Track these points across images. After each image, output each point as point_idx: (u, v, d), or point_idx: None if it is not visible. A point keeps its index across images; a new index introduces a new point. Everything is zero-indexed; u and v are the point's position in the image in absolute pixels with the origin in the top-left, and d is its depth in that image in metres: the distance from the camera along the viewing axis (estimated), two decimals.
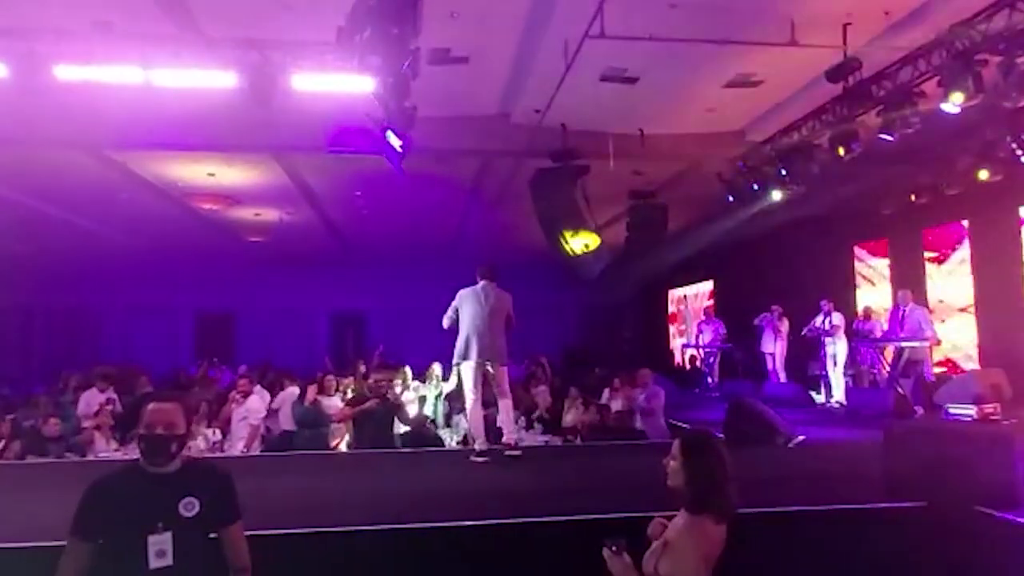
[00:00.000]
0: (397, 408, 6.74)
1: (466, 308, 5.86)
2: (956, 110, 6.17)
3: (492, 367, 5.81)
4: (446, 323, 5.98)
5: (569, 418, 7.63)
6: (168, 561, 2.51)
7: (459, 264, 18.71)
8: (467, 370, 5.80)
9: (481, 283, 6.00)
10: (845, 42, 6.84)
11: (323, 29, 5.67)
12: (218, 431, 7.45)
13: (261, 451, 7.14)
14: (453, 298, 6.03)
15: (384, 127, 6.98)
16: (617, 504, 3.69)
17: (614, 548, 2.46)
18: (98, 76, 5.53)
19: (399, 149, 7.20)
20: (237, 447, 7.18)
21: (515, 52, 7.41)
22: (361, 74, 5.80)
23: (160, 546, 2.51)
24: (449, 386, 8.22)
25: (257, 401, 7.51)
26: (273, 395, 7.94)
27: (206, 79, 5.75)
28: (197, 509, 2.60)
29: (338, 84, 6.03)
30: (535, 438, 7.51)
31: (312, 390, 7.78)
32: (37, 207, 11.71)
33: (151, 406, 2.65)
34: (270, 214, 13.47)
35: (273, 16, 6.10)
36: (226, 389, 8.95)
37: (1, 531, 3.52)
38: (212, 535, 2.66)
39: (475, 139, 9.22)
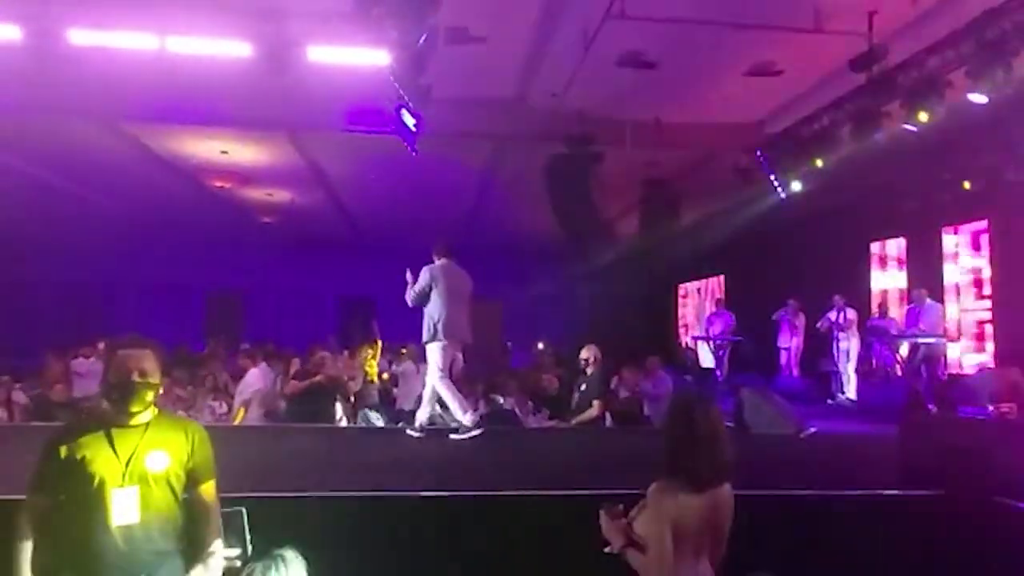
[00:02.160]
0: (341, 385, 6.87)
1: (440, 286, 5.72)
2: (984, 100, 6.03)
3: (459, 347, 5.82)
4: (416, 301, 5.79)
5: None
6: (133, 517, 2.39)
7: (469, 250, 18.66)
8: (441, 349, 5.67)
9: (445, 261, 5.90)
10: (871, 30, 6.71)
11: (341, 1, 5.60)
12: (224, 404, 7.48)
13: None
14: (419, 276, 5.83)
15: (398, 105, 6.90)
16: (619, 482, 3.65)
17: (611, 511, 2.52)
18: (113, 41, 5.46)
19: (413, 128, 7.13)
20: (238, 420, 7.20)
21: (533, 33, 7.31)
22: (378, 47, 5.74)
23: (125, 501, 2.38)
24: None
25: (254, 376, 7.47)
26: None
27: (221, 47, 5.68)
28: (165, 464, 2.46)
29: (354, 57, 5.95)
30: (541, 422, 7.48)
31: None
32: (48, 179, 11.72)
33: (122, 352, 2.49)
34: (282, 195, 13.45)
35: None
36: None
37: None
38: (185, 495, 2.53)
39: (490, 122, 9.14)
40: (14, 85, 7.37)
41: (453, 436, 5.57)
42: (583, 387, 6.92)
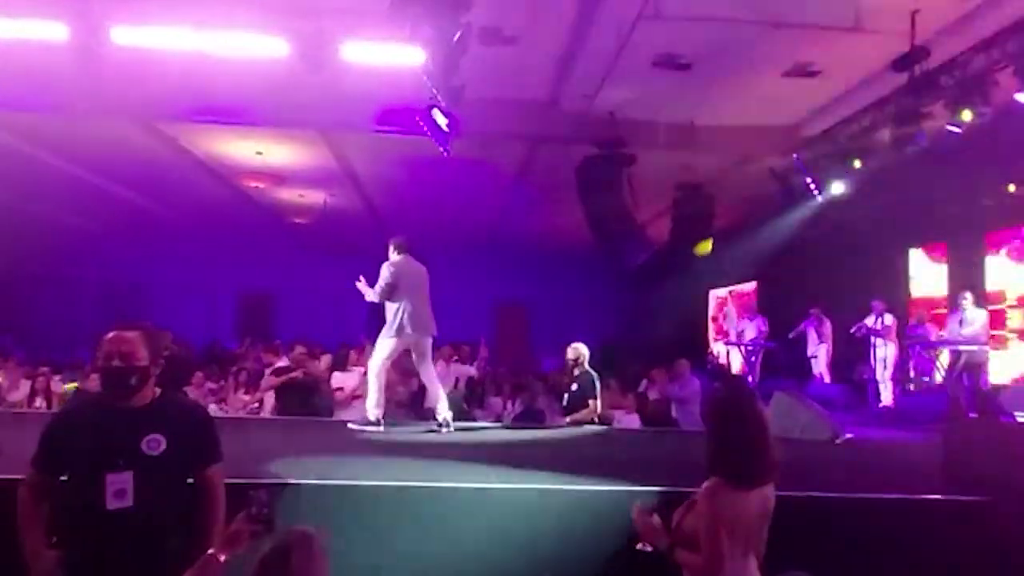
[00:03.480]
0: (318, 381, 6.95)
1: (404, 281, 5.84)
2: None
3: (423, 341, 5.88)
4: (383, 297, 5.87)
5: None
6: (127, 502, 2.29)
7: (499, 253, 18.73)
8: (394, 344, 5.79)
9: (404, 256, 6.01)
10: (913, 29, 6.55)
11: None
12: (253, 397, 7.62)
13: None
14: (381, 272, 5.97)
15: (431, 105, 6.93)
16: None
17: (644, 511, 2.50)
18: (153, 39, 5.58)
19: (445, 129, 7.13)
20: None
21: (566, 33, 7.28)
22: (412, 45, 5.75)
23: (118, 485, 2.29)
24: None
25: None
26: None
27: (257, 45, 5.76)
28: (163, 447, 2.36)
29: (388, 55, 5.99)
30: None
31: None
32: (90, 180, 12.01)
33: (109, 335, 2.41)
34: (314, 196, 13.60)
35: None
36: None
37: None
38: (189, 480, 2.44)
39: (521, 123, 9.12)
40: (59, 86, 7.59)
41: (351, 425, 5.75)
42: (574, 387, 6.89)
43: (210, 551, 2.14)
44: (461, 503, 3.44)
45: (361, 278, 6.05)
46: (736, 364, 13.13)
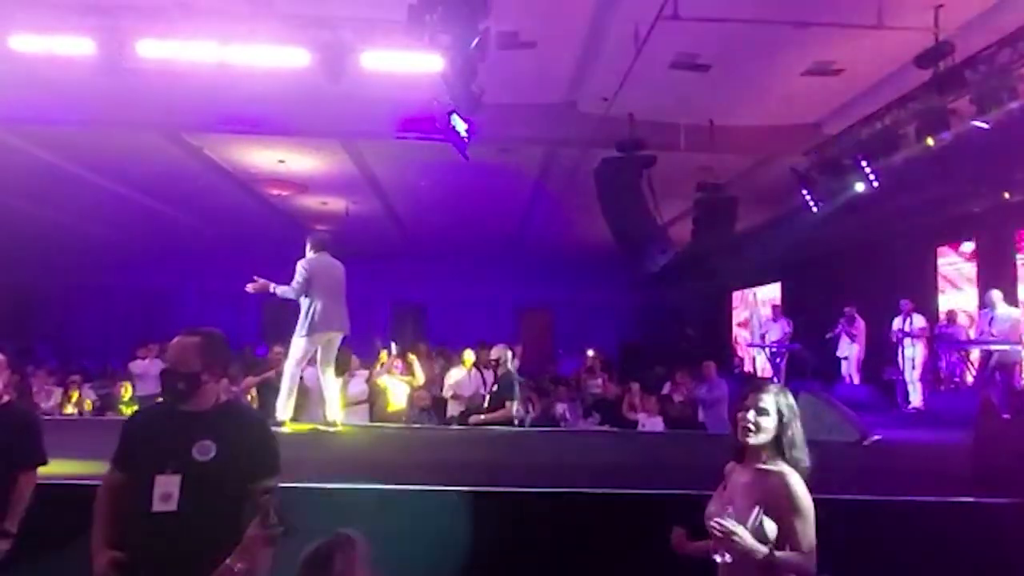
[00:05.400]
0: None
1: (319, 279, 5.87)
2: None
3: (335, 339, 5.93)
4: (297, 295, 5.90)
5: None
6: (172, 506, 2.27)
7: (521, 256, 18.71)
8: (309, 342, 5.83)
9: (319, 254, 6.03)
10: (937, 24, 6.46)
11: (394, 7, 5.69)
12: None
13: None
14: (297, 271, 6.00)
15: (450, 111, 6.97)
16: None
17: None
18: (177, 52, 5.69)
19: (464, 134, 7.18)
20: None
21: (584, 36, 7.28)
22: (430, 53, 5.80)
23: (166, 488, 2.28)
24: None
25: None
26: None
27: (279, 56, 5.85)
28: (212, 454, 2.33)
29: (407, 63, 6.04)
30: (590, 426, 7.41)
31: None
32: (119, 191, 12.25)
33: (174, 340, 2.48)
34: (336, 203, 13.73)
35: None
36: None
37: None
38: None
39: (540, 127, 9.13)
40: (89, 101, 7.78)
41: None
42: (495, 387, 6.90)
43: (226, 561, 2.11)
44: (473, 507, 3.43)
45: (255, 278, 6.07)
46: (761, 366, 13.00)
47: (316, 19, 5.89)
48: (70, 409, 7.74)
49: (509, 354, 6.93)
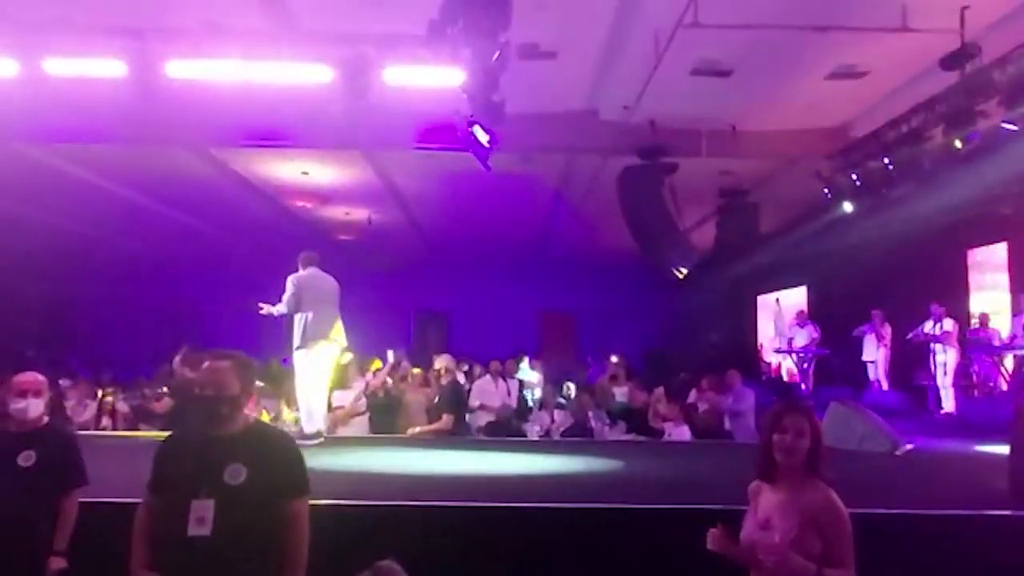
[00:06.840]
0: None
1: (309, 292, 6.03)
2: None
3: (328, 349, 6.03)
4: (290, 310, 6.03)
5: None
6: (206, 530, 2.32)
7: (544, 263, 18.69)
8: (306, 354, 5.93)
9: (310, 270, 6.18)
10: (963, 26, 6.37)
11: (415, 22, 5.75)
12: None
13: None
14: (289, 286, 6.13)
15: (471, 122, 7.00)
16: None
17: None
18: (204, 72, 5.81)
19: (486, 144, 7.20)
20: None
21: (603, 45, 7.29)
22: (452, 67, 5.85)
23: (200, 513, 2.33)
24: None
25: None
26: None
27: (303, 73, 5.94)
28: (243, 478, 2.37)
29: (429, 77, 6.09)
30: (618, 435, 7.37)
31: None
32: (148, 205, 12.49)
33: (204, 365, 2.53)
34: (359, 213, 13.85)
35: (367, 10, 6.24)
36: None
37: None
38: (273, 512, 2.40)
39: (561, 136, 9.15)
40: (120, 120, 7.97)
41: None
42: (436, 399, 6.94)
43: None
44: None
45: (260, 305, 6.31)
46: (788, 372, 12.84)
47: (338, 36, 5.97)
48: (105, 421, 7.87)
49: (454, 366, 7.02)
